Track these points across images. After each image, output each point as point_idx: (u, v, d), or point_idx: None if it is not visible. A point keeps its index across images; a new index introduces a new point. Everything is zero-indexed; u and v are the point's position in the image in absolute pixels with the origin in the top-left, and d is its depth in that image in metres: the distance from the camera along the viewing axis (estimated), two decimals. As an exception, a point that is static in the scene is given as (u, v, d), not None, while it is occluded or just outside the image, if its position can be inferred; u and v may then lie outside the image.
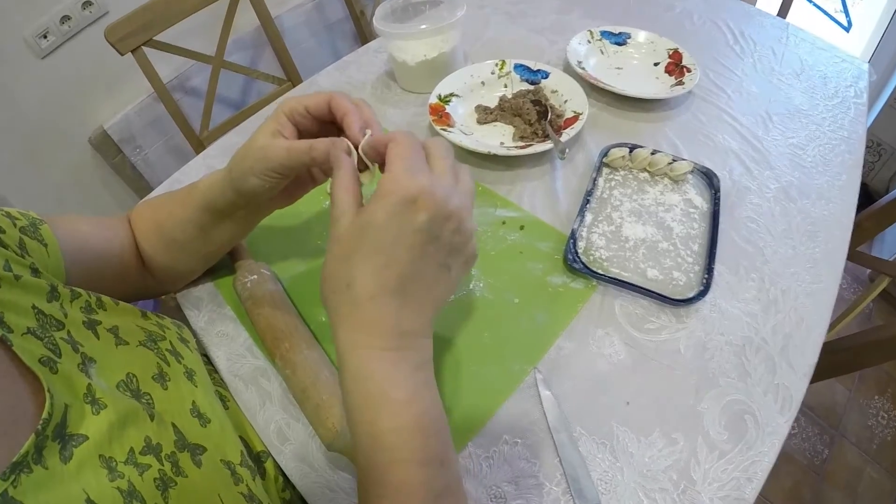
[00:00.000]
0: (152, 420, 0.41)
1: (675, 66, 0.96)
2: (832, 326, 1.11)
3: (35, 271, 0.44)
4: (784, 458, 1.51)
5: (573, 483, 0.51)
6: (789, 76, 1.01)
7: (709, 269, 0.64)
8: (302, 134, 0.50)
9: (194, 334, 0.64)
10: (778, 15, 1.50)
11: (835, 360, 0.80)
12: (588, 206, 0.71)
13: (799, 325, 0.63)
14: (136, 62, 1.21)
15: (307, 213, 0.76)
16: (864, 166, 0.84)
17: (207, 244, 0.61)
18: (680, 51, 0.97)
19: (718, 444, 0.53)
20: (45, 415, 0.34)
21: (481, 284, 0.65)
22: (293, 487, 0.55)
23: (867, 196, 1.93)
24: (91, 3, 1.35)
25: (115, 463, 0.36)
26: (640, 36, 1.02)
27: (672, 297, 0.62)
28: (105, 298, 0.49)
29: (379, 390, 0.38)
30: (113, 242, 0.59)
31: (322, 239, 0.72)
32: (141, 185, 1.68)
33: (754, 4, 2.07)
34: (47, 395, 0.35)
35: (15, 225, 0.47)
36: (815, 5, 2.85)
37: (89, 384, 0.38)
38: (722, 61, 1.03)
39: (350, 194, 0.40)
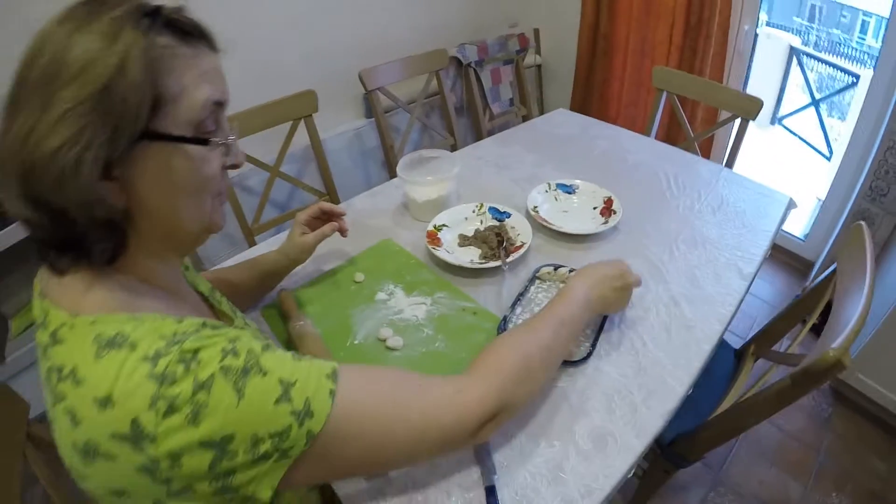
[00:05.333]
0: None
1: (607, 210, 1.30)
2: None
3: None
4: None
5: (481, 463, 0.79)
6: (706, 212, 1.30)
7: (594, 343, 0.95)
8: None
9: None
10: (725, 164, 1.76)
11: (720, 428, 1.05)
12: (519, 302, 1.05)
13: (662, 384, 0.88)
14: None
15: (341, 287, 1.12)
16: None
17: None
18: (612, 198, 1.31)
19: (584, 452, 0.79)
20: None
21: (444, 344, 0.98)
22: None
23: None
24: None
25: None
26: (584, 186, 1.38)
27: (565, 359, 0.93)
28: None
29: (574, 305, 0.85)
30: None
31: (347, 308, 1.07)
32: (194, 260, 1.93)
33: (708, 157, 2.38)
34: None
35: None
36: (801, 139, 3.24)
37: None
38: (651, 204, 1.35)
39: None
